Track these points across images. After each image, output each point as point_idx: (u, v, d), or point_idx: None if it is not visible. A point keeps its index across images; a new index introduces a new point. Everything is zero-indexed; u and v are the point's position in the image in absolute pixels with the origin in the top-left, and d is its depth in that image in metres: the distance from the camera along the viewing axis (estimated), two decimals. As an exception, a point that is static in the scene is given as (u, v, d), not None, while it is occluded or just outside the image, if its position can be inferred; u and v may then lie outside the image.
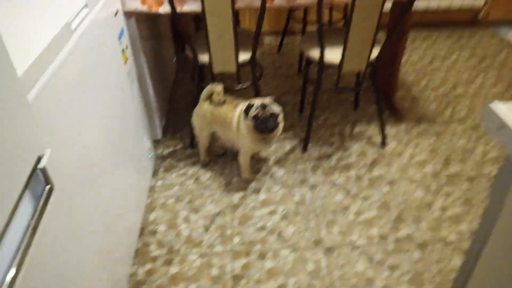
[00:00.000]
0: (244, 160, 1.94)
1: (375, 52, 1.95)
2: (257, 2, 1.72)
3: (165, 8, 1.74)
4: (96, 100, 1.29)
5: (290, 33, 3.47)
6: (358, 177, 2.01)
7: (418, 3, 3.24)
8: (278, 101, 1.74)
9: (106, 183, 1.33)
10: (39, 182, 0.89)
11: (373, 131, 2.32)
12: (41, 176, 0.89)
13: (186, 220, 1.79)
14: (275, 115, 1.71)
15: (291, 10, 3.09)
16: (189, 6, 1.74)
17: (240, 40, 1.86)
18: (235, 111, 1.83)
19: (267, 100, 1.73)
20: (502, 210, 0.74)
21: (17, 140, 0.78)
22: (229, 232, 1.73)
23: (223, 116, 1.86)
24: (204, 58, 1.92)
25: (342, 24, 3.07)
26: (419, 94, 2.67)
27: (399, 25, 1.84)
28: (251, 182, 1.98)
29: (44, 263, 0.90)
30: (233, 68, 1.91)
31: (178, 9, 1.73)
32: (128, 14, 1.74)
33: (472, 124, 2.37)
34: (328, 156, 2.15)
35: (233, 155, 2.15)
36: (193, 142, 2.19)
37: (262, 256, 1.63)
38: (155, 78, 2.16)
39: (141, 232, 1.73)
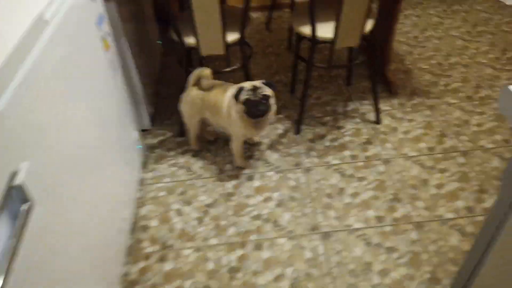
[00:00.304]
0: (237, 147, 1.88)
1: (369, 25, 1.86)
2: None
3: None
4: (77, 95, 1.22)
5: (278, 7, 3.34)
6: (353, 157, 1.96)
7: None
8: (270, 83, 1.67)
9: (93, 181, 1.28)
10: (16, 200, 0.84)
11: (367, 108, 2.26)
12: (17, 195, 0.84)
13: (179, 213, 1.75)
14: (267, 97, 1.64)
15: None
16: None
17: (227, 19, 1.77)
18: (225, 96, 1.76)
19: (258, 83, 1.66)
20: None
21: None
22: (224, 223, 1.70)
23: (213, 102, 1.79)
24: (190, 40, 1.83)
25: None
26: (412, 66, 2.59)
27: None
28: (245, 169, 1.94)
29: (32, 268, 0.87)
30: (221, 50, 1.82)
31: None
32: (105, -2, 1.63)
33: (467, 95, 2.32)
34: (322, 137, 2.09)
35: (225, 141, 2.09)
36: (182, 130, 2.12)
37: (258, 247, 1.60)
38: (141, 65, 2.06)
39: (133, 229, 1.70)
